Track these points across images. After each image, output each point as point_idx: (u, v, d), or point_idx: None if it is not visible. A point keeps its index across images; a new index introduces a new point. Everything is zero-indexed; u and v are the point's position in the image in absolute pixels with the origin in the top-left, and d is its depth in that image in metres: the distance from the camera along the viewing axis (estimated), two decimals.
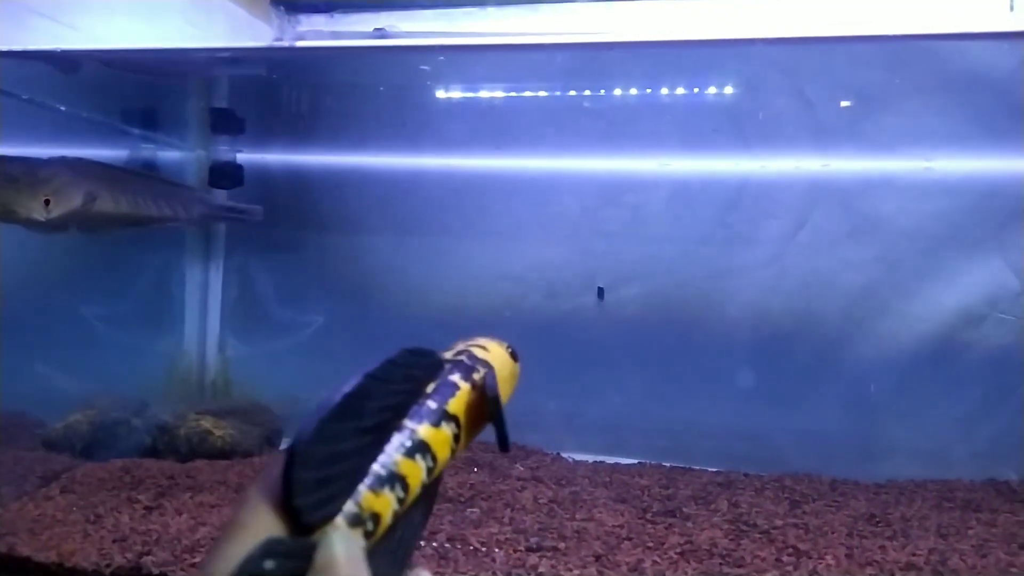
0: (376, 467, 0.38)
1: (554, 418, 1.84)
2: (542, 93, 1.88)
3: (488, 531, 1.20)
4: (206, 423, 1.62)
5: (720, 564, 1.13)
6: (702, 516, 1.37)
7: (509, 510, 1.33)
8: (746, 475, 1.63)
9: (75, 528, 1.16)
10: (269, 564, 0.34)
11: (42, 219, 1.16)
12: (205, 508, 1.25)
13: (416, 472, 0.40)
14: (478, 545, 1.14)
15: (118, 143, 1.67)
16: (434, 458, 0.41)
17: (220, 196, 1.86)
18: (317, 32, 2.14)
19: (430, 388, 0.43)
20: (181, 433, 1.60)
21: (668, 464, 1.72)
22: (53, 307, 1.83)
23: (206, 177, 1.82)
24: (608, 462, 1.71)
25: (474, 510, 1.33)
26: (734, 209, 1.78)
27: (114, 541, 1.12)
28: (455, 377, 0.45)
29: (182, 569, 1.03)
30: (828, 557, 1.17)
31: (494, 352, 0.50)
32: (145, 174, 1.57)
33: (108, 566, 1.06)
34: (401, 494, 0.39)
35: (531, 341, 1.98)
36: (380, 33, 2.02)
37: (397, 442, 0.40)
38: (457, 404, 0.44)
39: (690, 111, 1.82)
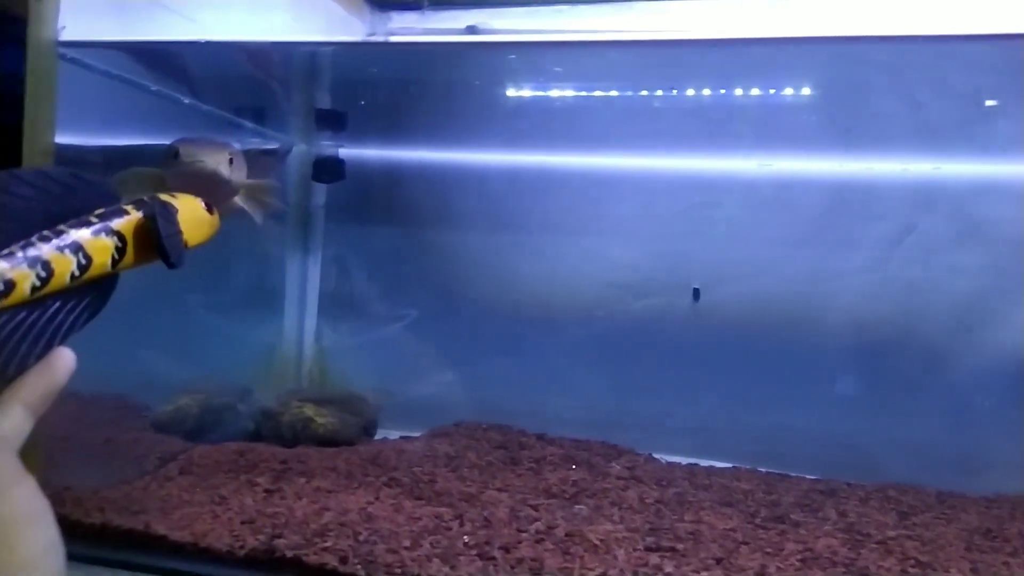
0: (15, 247, 0.47)
1: (645, 419, 1.83)
2: (644, 92, 1.87)
3: (603, 528, 1.20)
4: (308, 410, 1.65)
5: (844, 573, 1.11)
6: (812, 524, 1.34)
7: (617, 509, 1.33)
8: (848, 484, 1.60)
9: (203, 509, 1.20)
10: None
11: (226, 176, 1.18)
12: (323, 493, 1.28)
13: (64, 262, 0.49)
14: (597, 542, 1.13)
15: (230, 135, 1.71)
16: (87, 257, 0.51)
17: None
18: (409, 29, 2.17)
19: (99, 211, 0.52)
20: (285, 419, 1.64)
21: (764, 469, 1.69)
22: (157, 294, 1.88)
23: (309, 171, 1.86)
24: (702, 465, 1.70)
25: (581, 507, 1.33)
26: (837, 212, 1.74)
27: (243, 523, 1.15)
28: (128, 207, 0.54)
29: (314, 553, 1.05)
30: (952, 571, 1.14)
31: (183, 200, 0.59)
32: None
33: (241, 547, 1.08)
34: (43, 273, 0.48)
35: (623, 341, 1.97)
36: (471, 30, 2.04)
37: (47, 236, 0.48)
38: (124, 225, 0.53)
39: (791, 111, 1.79)
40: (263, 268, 1.92)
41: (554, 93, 1.94)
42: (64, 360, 0.53)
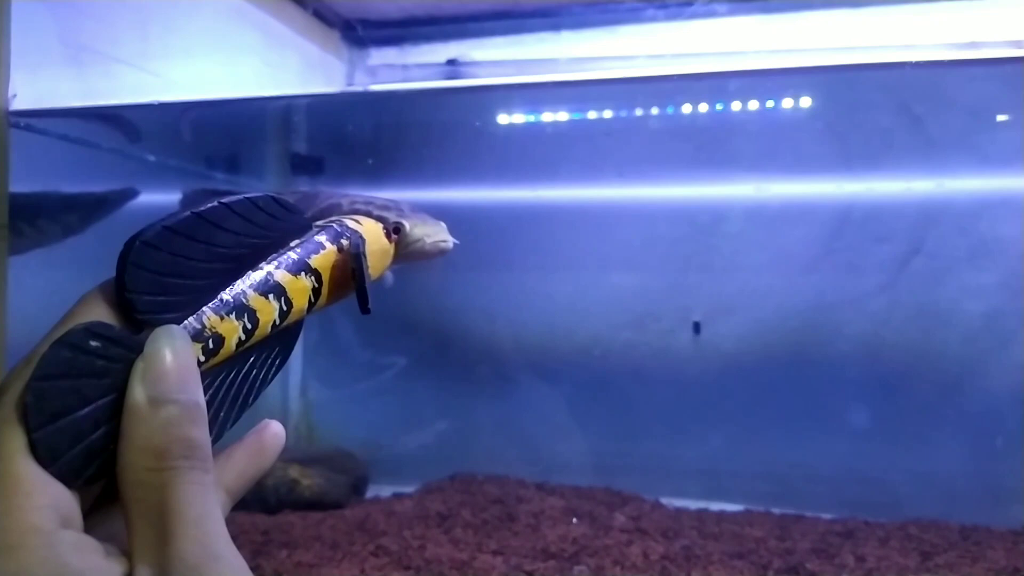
0: (225, 294, 0.40)
1: (650, 462, 1.74)
2: (624, 112, 1.80)
3: None
4: (293, 472, 1.57)
5: None
6: (828, 572, 1.26)
7: (619, 568, 1.24)
8: (866, 523, 1.51)
9: None
10: (94, 343, 0.34)
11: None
12: (304, 568, 1.20)
13: (268, 310, 0.42)
14: None
15: (201, 185, 1.65)
16: (288, 303, 0.44)
17: None
18: (388, 66, 2.10)
19: (295, 243, 0.45)
20: (269, 483, 1.55)
21: (778, 511, 1.60)
22: None
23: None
24: (712, 509, 1.61)
25: (582, 567, 1.25)
26: (839, 235, 1.66)
27: None
28: (322, 238, 0.47)
29: None
30: None
31: (367, 226, 0.52)
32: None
33: None
34: (248, 326, 0.41)
35: (622, 379, 1.87)
36: (452, 64, 1.98)
37: (252, 279, 0.42)
38: (320, 261, 0.46)
39: (786, 131, 1.72)
40: None
41: (536, 121, 1.87)
42: (275, 436, 0.43)
